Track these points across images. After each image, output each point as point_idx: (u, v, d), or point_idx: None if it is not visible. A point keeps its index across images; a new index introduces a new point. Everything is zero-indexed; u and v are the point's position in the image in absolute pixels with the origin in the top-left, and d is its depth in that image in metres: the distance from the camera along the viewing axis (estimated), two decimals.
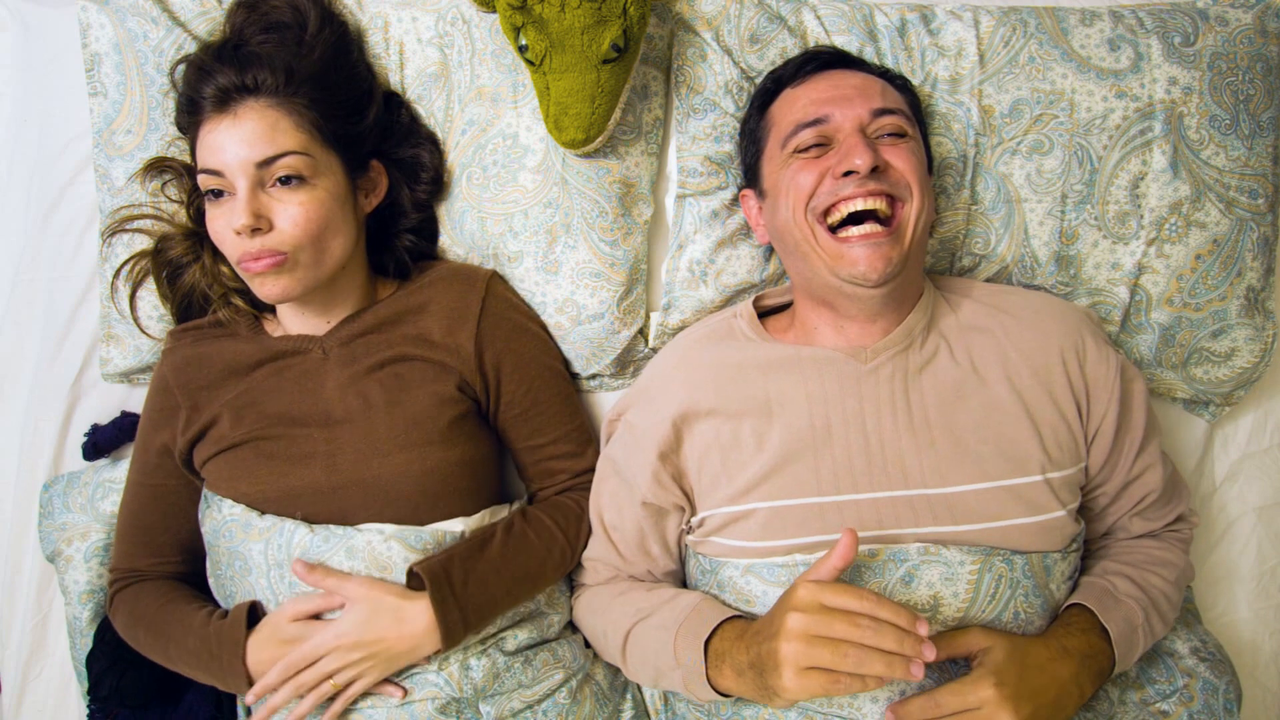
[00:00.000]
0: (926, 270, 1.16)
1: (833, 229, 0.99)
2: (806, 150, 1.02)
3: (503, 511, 1.12)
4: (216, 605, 1.09)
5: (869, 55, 1.16)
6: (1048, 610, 0.98)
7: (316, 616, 1.01)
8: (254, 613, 1.03)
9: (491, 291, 1.13)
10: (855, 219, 0.98)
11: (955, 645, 0.92)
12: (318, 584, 0.99)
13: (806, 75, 1.08)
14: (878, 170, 0.97)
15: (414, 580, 1.01)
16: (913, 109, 1.07)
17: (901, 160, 0.99)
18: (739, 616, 0.97)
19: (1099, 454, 1.02)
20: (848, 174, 0.97)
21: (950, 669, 0.93)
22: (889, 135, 1.01)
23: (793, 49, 1.17)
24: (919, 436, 0.98)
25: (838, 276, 0.98)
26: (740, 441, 1.01)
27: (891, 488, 0.97)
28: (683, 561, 1.11)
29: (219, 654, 1.00)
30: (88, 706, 1.17)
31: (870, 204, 0.97)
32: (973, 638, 0.92)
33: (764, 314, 1.15)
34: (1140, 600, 0.99)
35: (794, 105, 1.05)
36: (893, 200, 0.98)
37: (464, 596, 1.00)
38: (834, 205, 0.98)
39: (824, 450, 0.98)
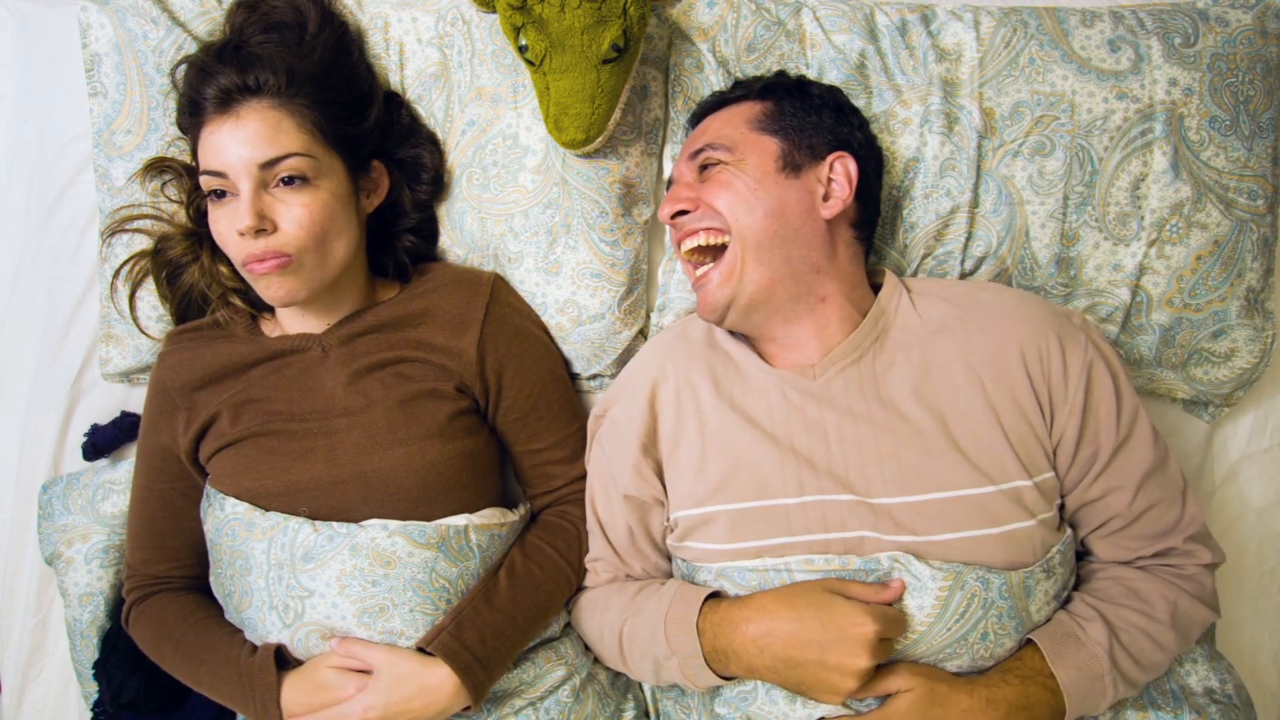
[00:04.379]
0: (898, 270, 1.16)
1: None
2: None
3: (511, 515, 1.12)
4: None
5: (869, 55, 1.16)
6: (1022, 632, 0.94)
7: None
8: (279, 654, 1.03)
9: (495, 296, 1.13)
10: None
11: (877, 686, 0.91)
12: (349, 652, 1.00)
13: None
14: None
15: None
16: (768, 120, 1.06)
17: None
18: (717, 594, 0.98)
19: (1062, 464, 0.97)
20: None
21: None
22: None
23: (791, 55, 1.17)
24: (881, 444, 0.96)
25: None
26: (704, 440, 1.02)
27: (854, 492, 0.95)
28: (670, 562, 1.12)
29: (252, 693, 1.01)
30: (90, 709, 1.17)
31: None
32: (897, 679, 0.91)
33: None
34: (1106, 646, 0.93)
35: None
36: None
37: (484, 655, 1.01)
38: None
39: (787, 455, 0.98)
